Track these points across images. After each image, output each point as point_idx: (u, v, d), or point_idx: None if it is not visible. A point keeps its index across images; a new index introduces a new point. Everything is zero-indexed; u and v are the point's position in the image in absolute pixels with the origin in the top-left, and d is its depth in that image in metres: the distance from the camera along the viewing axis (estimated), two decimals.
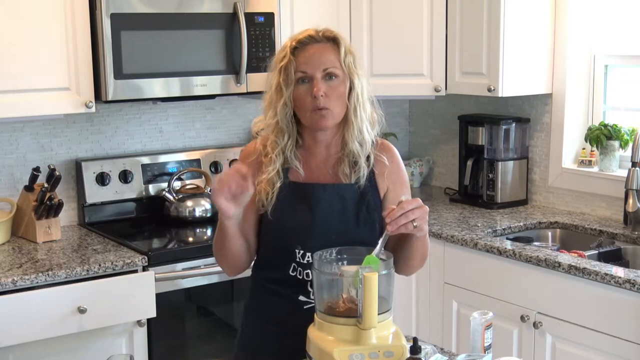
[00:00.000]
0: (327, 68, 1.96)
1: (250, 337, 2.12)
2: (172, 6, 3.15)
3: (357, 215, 2.01)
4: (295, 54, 1.96)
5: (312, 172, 2.04)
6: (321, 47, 1.98)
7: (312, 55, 1.96)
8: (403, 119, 4.34)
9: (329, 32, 2.00)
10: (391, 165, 2.08)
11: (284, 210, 2.00)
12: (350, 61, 1.99)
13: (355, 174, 2.02)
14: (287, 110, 1.99)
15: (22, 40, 2.91)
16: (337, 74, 1.97)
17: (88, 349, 2.82)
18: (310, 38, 1.98)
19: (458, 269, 3.26)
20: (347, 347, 1.72)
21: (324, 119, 1.97)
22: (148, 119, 3.61)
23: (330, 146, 2.05)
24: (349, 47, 2.01)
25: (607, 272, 2.68)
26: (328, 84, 1.96)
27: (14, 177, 3.31)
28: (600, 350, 2.73)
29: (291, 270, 2.01)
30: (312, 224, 1.99)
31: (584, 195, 3.53)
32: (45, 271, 2.74)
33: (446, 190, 4.04)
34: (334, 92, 1.96)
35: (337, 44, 1.99)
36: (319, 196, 2.01)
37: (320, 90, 1.94)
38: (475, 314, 1.91)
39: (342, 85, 1.98)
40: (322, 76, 1.95)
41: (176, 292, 3.03)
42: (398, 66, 3.63)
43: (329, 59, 1.97)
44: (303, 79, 1.96)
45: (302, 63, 1.96)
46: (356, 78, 2.00)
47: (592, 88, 3.58)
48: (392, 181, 2.07)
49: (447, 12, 3.56)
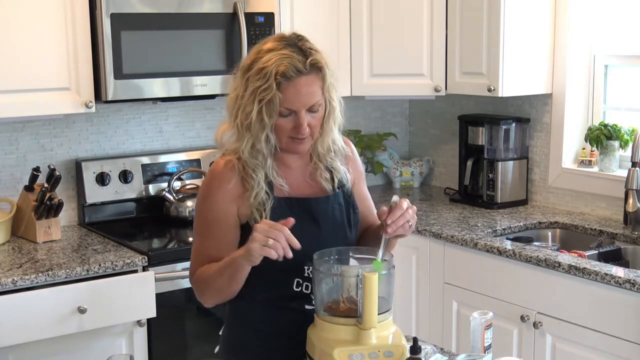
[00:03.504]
0: (313, 105, 1.88)
1: (263, 356, 2.01)
2: (172, 6, 3.15)
3: (349, 217, 2.03)
4: (280, 87, 1.84)
5: (292, 184, 1.98)
6: (308, 81, 1.86)
7: (299, 92, 1.85)
8: (403, 119, 4.34)
9: (314, 60, 1.87)
10: (353, 158, 2.10)
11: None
12: (330, 84, 1.90)
13: (336, 177, 2.02)
14: (269, 141, 1.91)
15: (22, 40, 2.91)
16: (319, 105, 1.90)
17: (88, 349, 2.82)
18: (295, 71, 1.84)
19: (458, 269, 3.26)
20: (347, 347, 1.72)
21: (303, 145, 1.93)
22: (148, 119, 3.61)
23: (304, 156, 2.02)
24: (328, 64, 1.90)
25: (607, 272, 2.68)
26: (310, 116, 1.90)
27: (14, 177, 3.31)
28: (600, 350, 2.73)
29: (295, 286, 1.96)
30: (320, 239, 1.94)
31: (584, 195, 3.53)
32: (45, 271, 2.74)
33: (446, 190, 4.04)
34: (315, 121, 1.91)
35: (321, 72, 1.88)
36: (325, 209, 1.99)
37: (306, 128, 1.88)
38: (475, 314, 1.91)
39: (322, 112, 1.92)
40: (306, 110, 1.89)
41: (176, 292, 3.03)
42: (398, 66, 3.63)
43: (314, 93, 1.87)
44: (285, 113, 1.88)
45: (288, 100, 1.85)
46: (335, 99, 1.93)
47: (592, 88, 3.58)
48: (355, 175, 2.10)
49: (447, 13, 3.56)
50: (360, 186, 2.12)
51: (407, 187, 4.20)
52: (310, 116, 1.89)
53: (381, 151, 4.15)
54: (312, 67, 1.87)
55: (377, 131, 4.19)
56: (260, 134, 1.88)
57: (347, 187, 2.04)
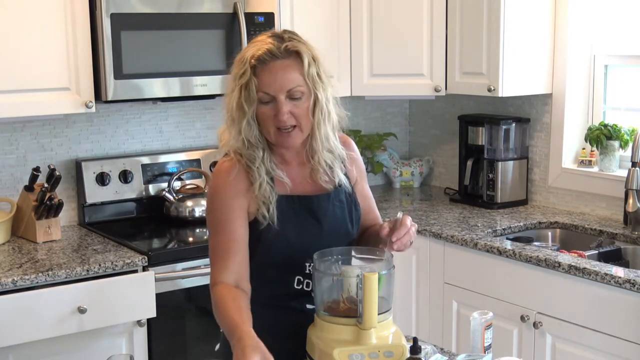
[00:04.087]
0: (291, 89, 1.85)
1: None
2: (172, 6, 3.15)
3: (351, 216, 2.03)
4: (256, 72, 1.84)
5: (294, 183, 1.98)
6: (283, 64, 1.85)
7: (275, 76, 1.84)
8: (403, 119, 4.34)
9: (291, 45, 1.86)
10: (353, 156, 2.10)
11: (289, 225, 1.94)
12: (314, 73, 1.88)
13: (336, 178, 2.02)
14: (252, 129, 1.90)
15: (22, 40, 2.91)
16: (301, 92, 1.87)
17: (88, 349, 2.82)
18: (270, 55, 1.84)
19: (458, 269, 3.26)
20: (347, 347, 1.72)
21: (292, 138, 1.91)
22: (148, 119, 3.61)
23: (301, 154, 2.01)
24: (313, 56, 1.89)
25: (607, 272, 2.68)
26: (292, 104, 1.87)
27: (14, 177, 3.31)
28: (600, 350, 2.73)
29: (296, 284, 1.97)
30: (321, 237, 1.95)
31: (583, 195, 3.53)
32: (45, 271, 2.74)
33: (446, 190, 4.04)
34: (300, 111, 1.88)
35: (300, 58, 1.86)
36: (325, 207, 1.99)
37: (285, 114, 1.86)
38: (475, 314, 1.91)
39: (307, 101, 1.89)
40: (285, 96, 1.86)
41: (176, 292, 3.03)
42: (398, 66, 3.63)
43: (292, 78, 1.85)
44: (265, 99, 1.87)
45: (264, 84, 1.85)
46: (320, 90, 1.89)
47: (592, 88, 3.58)
48: (357, 174, 2.10)
49: (447, 12, 3.56)
50: (362, 183, 2.12)
51: (407, 187, 4.20)
52: (293, 104, 1.87)
53: (381, 151, 4.15)
54: (288, 52, 1.86)
55: (377, 131, 4.19)
56: (242, 122, 1.89)
57: (347, 185, 2.04)
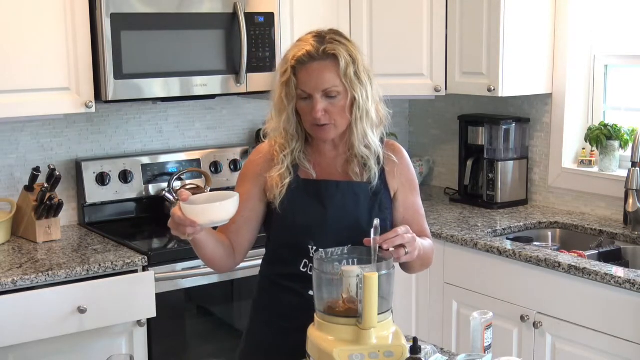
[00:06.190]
0: (327, 88, 1.96)
1: (259, 333, 2.14)
2: (172, 6, 3.14)
3: (370, 214, 2.03)
4: (295, 72, 1.98)
5: (322, 170, 2.09)
6: (320, 66, 1.96)
7: (311, 76, 1.96)
8: (403, 119, 4.34)
9: (330, 47, 1.97)
10: (400, 164, 2.12)
11: (296, 206, 2.03)
12: (351, 73, 1.97)
13: (367, 173, 2.06)
14: (290, 121, 2.03)
15: (22, 40, 2.90)
16: (337, 91, 1.97)
17: (88, 349, 2.82)
18: (308, 56, 1.96)
19: (458, 269, 3.26)
20: (347, 347, 1.72)
21: (325, 132, 2.02)
22: (148, 119, 3.61)
23: (339, 146, 2.09)
24: (352, 56, 1.99)
25: (607, 272, 2.68)
26: (328, 102, 1.98)
27: (14, 177, 3.31)
28: (600, 350, 2.73)
29: (302, 266, 2.03)
30: (324, 221, 2.02)
31: (583, 195, 3.53)
32: (45, 271, 2.74)
33: (446, 190, 4.04)
34: (335, 109, 1.99)
35: (337, 60, 1.96)
36: (332, 193, 2.04)
37: (319, 111, 1.97)
38: (475, 314, 1.91)
39: (343, 100, 1.99)
40: (321, 95, 1.97)
41: (176, 292, 3.03)
42: (398, 66, 3.63)
43: (328, 78, 1.96)
44: (304, 96, 1.99)
45: (302, 83, 1.97)
46: (358, 89, 1.98)
47: (592, 88, 3.58)
48: (401, 182, 2.12)
49: (447, 12, 3.56)
50: (406, 193, 2.13)
51: None
52: (329, 102, 1.97)
53: None
54: (326, 54, 1.97)
55: None
56: (282, 114, 2.02)
57: (375, 183, 2.06)
